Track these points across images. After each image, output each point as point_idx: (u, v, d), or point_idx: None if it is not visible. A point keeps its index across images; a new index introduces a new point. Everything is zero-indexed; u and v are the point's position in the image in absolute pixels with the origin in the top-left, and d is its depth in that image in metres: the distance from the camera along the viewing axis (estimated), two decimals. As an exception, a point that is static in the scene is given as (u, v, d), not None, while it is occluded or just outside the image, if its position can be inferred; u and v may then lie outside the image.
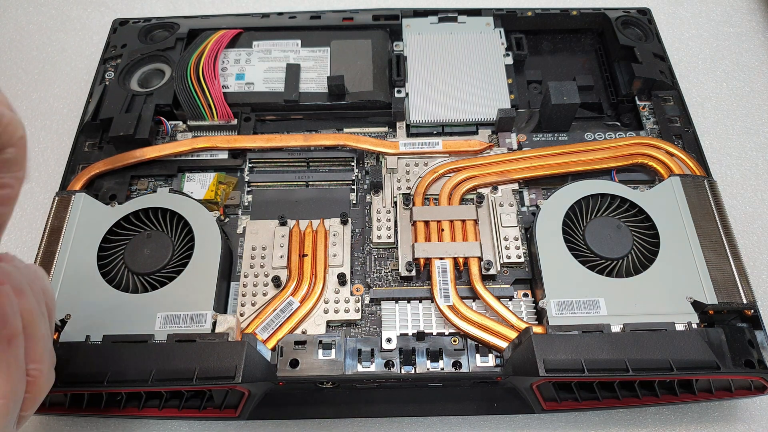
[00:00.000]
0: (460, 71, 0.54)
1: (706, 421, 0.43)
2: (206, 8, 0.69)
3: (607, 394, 0.40)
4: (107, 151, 0.50)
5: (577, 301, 0.40)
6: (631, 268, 0.42)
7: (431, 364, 0.40)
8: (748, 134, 0.58)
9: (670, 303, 0.40)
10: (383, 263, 0.46)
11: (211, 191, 0.48)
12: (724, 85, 0.61)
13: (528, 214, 0.47)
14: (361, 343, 0.41)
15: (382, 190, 0.48)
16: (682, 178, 0.45)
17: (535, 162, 0.48)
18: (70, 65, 0.64)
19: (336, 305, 0.43)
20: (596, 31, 0.60)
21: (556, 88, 0.49)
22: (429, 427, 0.43)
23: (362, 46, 0.56)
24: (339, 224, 0.46)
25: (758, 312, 0.40)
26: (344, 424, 0.43)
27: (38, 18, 0.68)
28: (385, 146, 0.50)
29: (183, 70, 0.52)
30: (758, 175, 0.55)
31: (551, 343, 0.37)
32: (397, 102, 0.52)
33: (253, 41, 0.56)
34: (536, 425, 0.43)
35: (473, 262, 0.43)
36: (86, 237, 0.43)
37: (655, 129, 0.51)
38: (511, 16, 0.58)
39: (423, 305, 0.43)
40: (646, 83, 0.53)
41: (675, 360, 0.36)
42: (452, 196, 0.47)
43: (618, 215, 0.44)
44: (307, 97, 0.52)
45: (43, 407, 0.40)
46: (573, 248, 0.43)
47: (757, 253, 0.51)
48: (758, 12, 0.67)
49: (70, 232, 0.44)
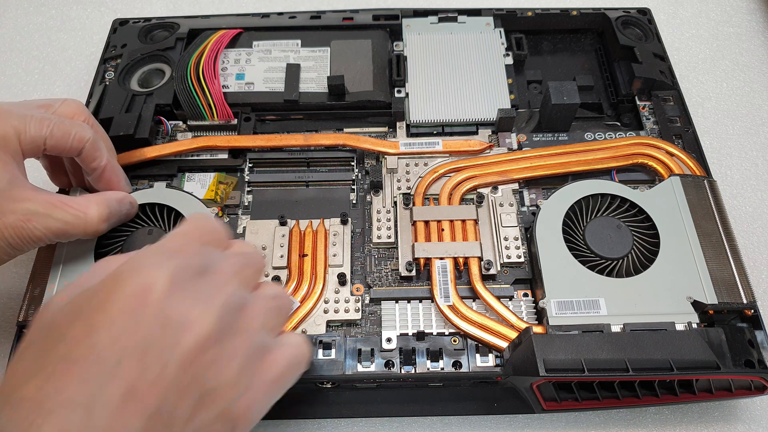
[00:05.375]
0: (460, 71, 0.54)
1: (706, 421, 0.43)
2: (206, 8, 0.69)
3: (607, 394, 0.40)
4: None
5: (577, 301, 0.40)
6: (631, 268, 0.42)
7: (431, 364, 0.40)
8: (748, 134, 0.58)
9: (670, 303, 0.40)
10: (383, 263, 0.46)
11: (211, 191, 0.48)
12: (724, 85, 0.61)
13: (528, 214, 0.47)
14: (361, 343, 0.41)
15: (382, 190, 0.48)
16: (682, 178, 0.45)
17: (535, 162, 0.48)
18: (70, 65, 0.64)
19: (336, 305, 0.43)
20: (596, 31, 0.60)
21: (556, 88, 0.49)
22: (429, 427, 0.43)
23: (362, 46, 0.56)
24: (339, 224, 0.46)
25: (758, 312, 0.40)
26: (344, 424, 0.43)
27: (38, 18, 0.68)
28: (385, 146, 0.50)
29: (183, 70, 0.52)
30: (758, 175, 0.55)
31: (551, 343, 0.37)
32: (397, 102, 0.52)
33: (253, 41, 0.56)
34: (536, 425, 0.43)
35: (473, 262, 0.43)
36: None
37: (655, 129, 0.51)
38: (511, 16, 0.58)
39: (423, 305, 0.43)
40: (646, 83, 0.53)
41: (675, 360, 0.36)
42: (452, 196, 0.47)
43: (618, 215, 0.44)
44: (307, 97, 0.52)
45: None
46: (573, 248, 0.43)
47: (757, 253, 0.51)
48: (758, 12, 0.67)
49: None
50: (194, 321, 0.26)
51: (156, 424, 0.25)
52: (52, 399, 0.23)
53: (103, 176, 0.42)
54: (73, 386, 0.24)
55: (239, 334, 0.28)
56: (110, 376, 0.24)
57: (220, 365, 0.27)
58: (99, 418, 0.23)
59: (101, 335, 0.25)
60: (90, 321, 0.25)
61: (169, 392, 0.25)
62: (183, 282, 0.27)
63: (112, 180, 0.43)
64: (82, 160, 0.41)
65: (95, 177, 0.42)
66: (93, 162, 0.41)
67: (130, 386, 0.24)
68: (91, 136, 0.40)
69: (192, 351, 0.26)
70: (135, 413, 0.24)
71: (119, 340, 0.25)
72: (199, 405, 0.26)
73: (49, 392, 0.24)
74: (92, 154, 0.40)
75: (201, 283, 0.28)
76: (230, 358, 0.27)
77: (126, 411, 0.24)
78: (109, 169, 0.42)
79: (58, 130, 0.38)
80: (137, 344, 0.25)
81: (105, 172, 0.42)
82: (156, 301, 0.26)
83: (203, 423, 0.26)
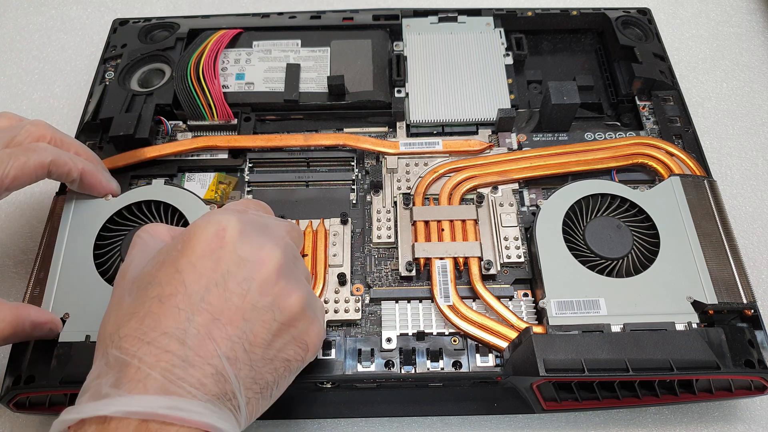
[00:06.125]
0: (460, 71, 0.54)
1: (706, 421, 0.43)
2: (206, 8, 0.69)
3: (607, 394, 0.40)
4: (107, 151, 0.50)
5: (577, 301, 0.40)
6: (631, 268, 0.42)
7: (431, 364, 0.40)
8: (748, 134, 0.58)
9: (670, 303, 0.40)
10: (383, 263, 0.46)
11: (211, 191, 0.48)
12: (724, 85, 0.61)
13: (528, 214, 0.47)
14: (361, 343, 0.41)
15: (382, 190, 0.48)
16: (682, 178, 0.45)
17: (535, 162, 0.48)
18: (70, 65, 0.64)
19: (336, 305, 0.43)
20: (596, 31, 0.60)
21: (556, 88, 0.49)
22: (429, 427, 0.43)
23: (362, 46, 0.56)
24: (339, 224, 0.46)
25: (758, 312, 0.40)
26: (344, 424, 0.43)
27: (38, 18, 0.68)
28: (385, 146, 0.50)
29: (183, 70, 0.52)
30: (758, 175, 0.55)
31: (551, 343, 0.37)
32: (397, 102, 0.52)
33: (253, 41, 0.56)
34: (536, 425, 0.43)
35: (473, 262, 0.43)
36: (82, 234, 0.43)
37: (655, 129, 0.51)
38: (511, 16, 0.58)
39: (423, 305, 0.43)
40: (646, 83, 0.53)
41: (675, 360, 0.36)
42: (452, 196, 0.47)
43: (618, 215, 0.44)
44: (307, 97, 0.52)
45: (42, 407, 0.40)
46: (573, 248, 0.43)
47: (757, 253, 0.51)
48: (758, 12, 0.67)
49: (64, 230, 0.43)
50: (264, 258, 0.31)
51: (240, 347, 0.29)
52: (150, 333, 0.27)
53: (83, 184, 0.43)
54: (167, 320, 0.28)
55: (299, 274, 0.33)
56: (198, 307, 0.28)
57: (289, 296, 0.31)
58: (191, 344, 0.27)
59: (187, 274, 0.29)
60: (176, 265, 0.29)
61: (250, 317, 0.29)
62: (249, 230, 0.31)
63: (93, 185, 0.43)
64: (55, 178, 0.41)
65: (75, 187, 0.43)
66: (64, 177, 0.41)
67: (216, 314, 0.28)
68: (52, 157, 0.39)
69: (266, 281, 0.30)
70: (222, 338, 0.28)
71: (203, 277, 0.29)
72: (276, 331, 0.30)
73: (147, 327, 0.28)
74: (59, 171, 0.40)
75: (263, 233, 0.32)
76: (296, 290, 0.32)
77: (214, 336, 0.28)
78: (87, 176, 0.42)
79: (14, 167, 0.38)
80: (219, 279, 0.29)
81: (83, 179, 0.42)
82: (230, 242, 0.30)
83: (281, 346, 0.31)
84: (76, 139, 0.46)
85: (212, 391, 0.27)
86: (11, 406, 0.39)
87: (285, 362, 0.31)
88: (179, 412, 0.26)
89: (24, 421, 0.43)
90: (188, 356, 0.27)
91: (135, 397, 0.26)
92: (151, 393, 0.26)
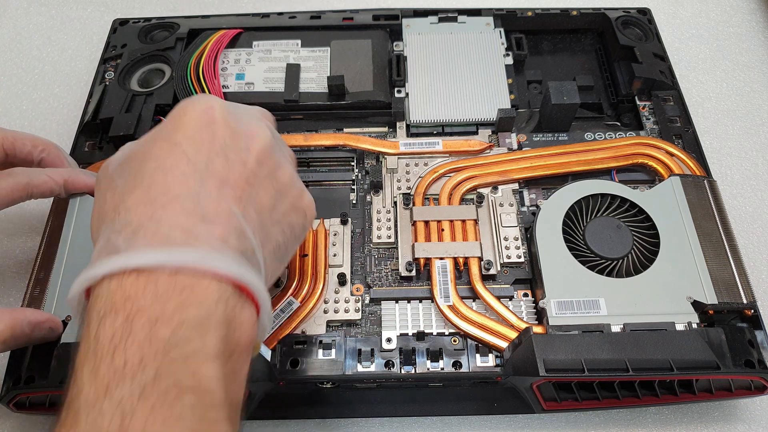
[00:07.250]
0: (460, 71, 0.54)
1: (706, 421, 0.43)
2: (206, 8, 0.69)
3: (607, 394, 0.40)
4: (107, 151, 0.50)
5: (577, 301, 0.40)
6: (631, 268, 0.42)
7: (431, 364, 0.40)
8: (748, 134, 0.58)
9: (670, 303, 0.40)
10: (383, 263, 0.46)
11: (211, 191, 0.48)
12: (724, 85, 0.61)
13: (528, 214, 0.47)
14: (361, 343, 0.41)
15: (382, 190, 0.48)
16: (682, 178, 0.45)
17: (535, 162, 0.48)
18: (70, 65, 0.64)
19: (336, 305, 0.43)
20: (596, 31, 0.60)
21: (556, 88, 0.49)
22: (429, 427, 0.43)
23: (362, 46, 0.56)
24: (339, 224, 0.46)
25: (758, 312, 0.40)
26: (344, 424, 0.43)
27: (38, 18, 0.68)
28: (385, 146, 0.50)
29: (183, 70, 0.52)
30: (758, 175, 0.55)
31: (551, 343, 0.37)
32: (397, 102, 0.52)
33: (253, 41, 0.56)
34: (536, 425, 0.43)
35: (473, 262, 0.43)
36: (84, 236, 0.43)
37: (655, 129, 0.51)
38: (511, 16, 0.58)
39: (423, 305, 0.43)
40: (646, 83, 0.53)
41: (675, 360, 0.36)
42: (452, 196, 0.47)
43: (618, 215, 0.44)
44: (307, 97, 0.52)
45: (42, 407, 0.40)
46: (573, 248, 0.43)
47: (757, 253, 0.51)
48: (758, 12, 0.67)
49: (68, 232, 0.43)
50: (255, 131, 0.31)
51: (251, 208, 0.29)
52: (162, 197, 0.27)
53: (69, 191, 0.43)
54: (177, 184, 0.27)
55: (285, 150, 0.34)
56: (205, 172, 0.28)
57: (283, 167, 0.32)
58: (205, 204, 0.27)
59: (186, 146, 0.28)
60: (171, 140, 0.29)
61: (253, 182, 0.30)
62: (233, 109, 0.32)
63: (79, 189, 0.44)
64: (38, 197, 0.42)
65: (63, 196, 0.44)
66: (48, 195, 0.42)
67: (223, 178, 0.28)
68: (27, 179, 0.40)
69: (262, 152, 0.31)
70: (232, 199, 0.28)
71: (203, 147, 0.29)
72: (277, 197, 0.31)
73: (157, 193, 0.27)
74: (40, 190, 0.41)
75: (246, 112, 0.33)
76: (286, 164, 0.33)
77: (225, 197, 0.28)
78: (70, 185, 0.43)
79: None
80: (218, 149, 0.29)
81: (68, 189, 0.43)
82: (221, 117, 0.30)
83: (284, 212, 0.32)
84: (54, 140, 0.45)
85: (235, 247, 0.27)
86: (11, 406, 0.39)
87: (290, 226, 0.32)
88: (211, 263, 0.25)
89: (24, 421, 0.43)
90: (206, 214, 0.27)
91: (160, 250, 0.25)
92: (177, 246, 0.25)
